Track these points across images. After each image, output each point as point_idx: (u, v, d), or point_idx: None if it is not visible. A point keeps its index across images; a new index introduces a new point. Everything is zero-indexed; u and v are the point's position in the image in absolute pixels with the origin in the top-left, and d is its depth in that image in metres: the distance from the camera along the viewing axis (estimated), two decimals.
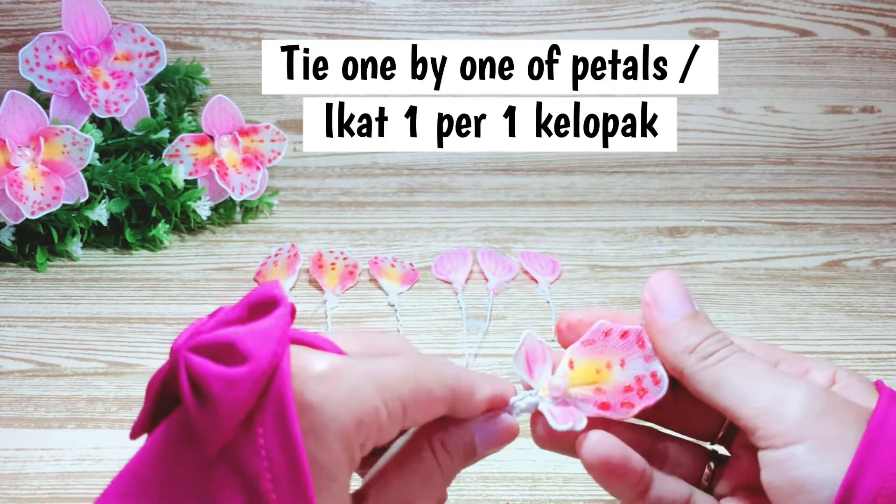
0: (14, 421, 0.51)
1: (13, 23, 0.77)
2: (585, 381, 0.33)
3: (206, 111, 0.69)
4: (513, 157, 0.82)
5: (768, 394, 0.30)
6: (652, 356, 0.33)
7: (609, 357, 0.33)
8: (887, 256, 0.69)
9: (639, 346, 0.33)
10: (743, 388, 0.31)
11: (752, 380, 0.31)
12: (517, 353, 0.33)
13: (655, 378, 0.33)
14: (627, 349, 0.33)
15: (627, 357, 0.33)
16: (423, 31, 0.81)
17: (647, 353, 0.33)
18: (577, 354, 0.33)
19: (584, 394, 0.33)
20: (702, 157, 0.83)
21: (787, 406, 0.30)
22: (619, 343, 0.33)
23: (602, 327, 0.33)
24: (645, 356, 0.33)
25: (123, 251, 0.68)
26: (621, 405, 0.32)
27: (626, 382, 0.33)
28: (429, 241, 0.71)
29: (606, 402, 0.33)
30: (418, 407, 0.29)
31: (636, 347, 0.33)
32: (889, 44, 0.84)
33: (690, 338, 0.32)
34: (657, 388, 0.33)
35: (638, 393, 0.33)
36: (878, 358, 0.57)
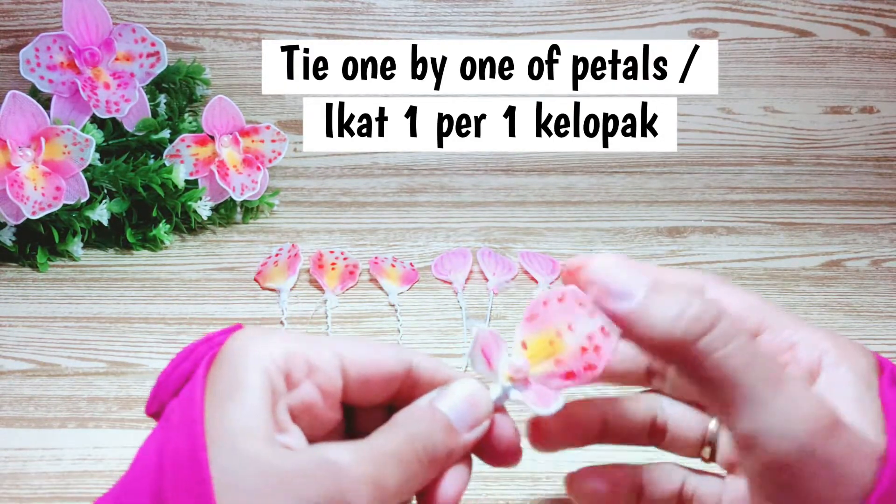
0: (15, 420, 0.51)
1: (14, 23, 0.77)
2: (543, 356, 0.32)
3: (207, 111, 0.69)
4: (513, 157, 0.82)
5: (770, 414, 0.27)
6: (595, 310, 0.31)
7: (556, 325, 0.32)
8: (886, 256, 0.70)
9: (579, 305, 0.32)
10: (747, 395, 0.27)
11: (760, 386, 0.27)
12: (472, 351, 0.32)
13: (604, 331, 0.31)
14: (569, 312, 0.32)
15: (572, 320, 0.32)
16: (423, 31, 0.81)
17: (589, 310, 0.31)
18: (527, 333, 0.32)
19: (546, 370, 0.32)
20: (701, 157, 0.83)
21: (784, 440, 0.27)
22: (560, 308, 0.32)
23: (539, 298, 0.32)
24: (589, 313, 0.31)
25: (124, 251, 0.69)
26: (584, 369, 0.31)
27: (580, 345, 0.31)
28: (429, 241, 0.71)
29: (570, 371, 0.32)
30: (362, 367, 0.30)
31: (576, 307, 0.32)
32: (888, 44, 0.84)
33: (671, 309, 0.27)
34: (609, 339, 0.31)
35: (594, 351, 0.31)
36: None
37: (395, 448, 0.28)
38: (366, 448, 0.28)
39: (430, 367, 0.32)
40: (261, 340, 0.29)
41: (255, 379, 0.28)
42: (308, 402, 0.29)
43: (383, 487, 0.27)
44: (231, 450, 0.26)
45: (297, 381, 0.29)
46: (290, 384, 0.29)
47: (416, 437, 0.29)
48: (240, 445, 0.26)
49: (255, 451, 0.26)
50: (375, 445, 0.28)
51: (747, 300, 0.32)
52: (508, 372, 0.32)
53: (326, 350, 0.30)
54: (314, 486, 0.26)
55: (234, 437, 0.27)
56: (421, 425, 0.29)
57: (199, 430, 0.27)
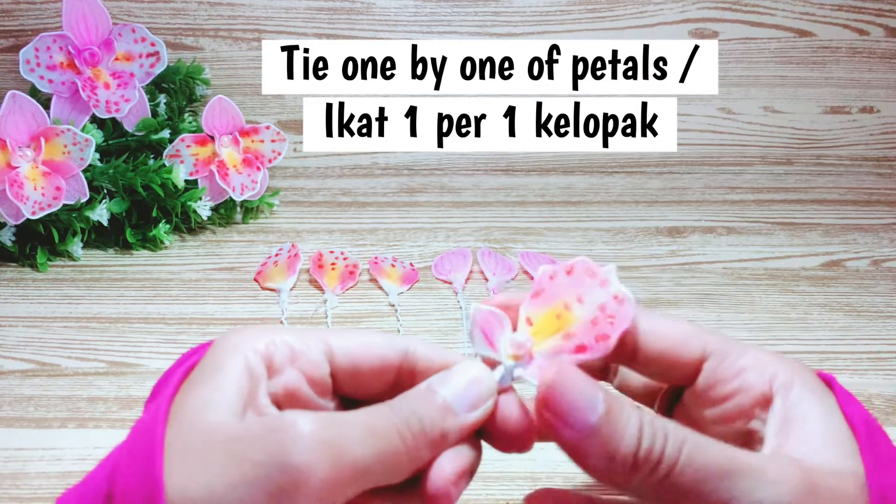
0: (15, 421, 0.51)
1: (14, 23, 0.77)
2: (550, 331, 0.30)
3: (207, 111, 0.69)
4: (513, 157, 0.82)
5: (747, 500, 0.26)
6: (607, 280, 0.30)
7: (564, 298, 0.30)
8: (886, 256, 0.70)
9: (589, 276, 0.30)
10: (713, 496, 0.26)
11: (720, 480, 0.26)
12: (472, 332, 0.30)
13: (618, 299, 0.30)
14: (579, 284, 0.30)
15: (582, 291, 0.30)
16: (423, 31, 0.81)
17: (601, 279, 0.30)
18: (532, 309, 0.31)
19: (554, 345, 0.30)
20: (701, 157, 0.83)
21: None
22: (568, 281, 0.30)
23: (545, 273, 0.31)
24: (600, 282, 0.30)
25: (124, 251, 0.69)
26: (597, 340, 0.30)
27: (591, 316, 0.30)
28: (429, 241, 0.71)
29: (581, 345, 0.30)
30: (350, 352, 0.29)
31: (587, 278, 0.30)
32: (888, 44, 0.84)
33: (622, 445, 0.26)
34: (623, 307, 0.30)
35: (608, 320, 0.30)
36: (878, 358, 0.57)
37: (367, 419, 0.27)
38: (332, 416, 0.27)
39: (428, 352, 0.31)
40: (246, 332, 0.29)
41: (229, 363, 0.28)
42: (291, 387, 0.29)
43: (343, 454, 0.26)
44: (188, 421, 0.26)
45: (279, 368, 0.29)
46: (271, 371, 0.29)
47: (400, 411, 0.27)
48: (197, 417, 0.26)
49: (212, 420, 0.26)
50: (346, 415, 0.27)
51: (685, 328, 0.31)
52: (510, 349, 0.30)
53: (313, 338, 0.30)
54: (259, 446, 0.25)
55: (194, 410, 0.27)
56: (410, 402, 0.28)
57: (164, 408, 0.27)
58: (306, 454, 0.25)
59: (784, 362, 0.31)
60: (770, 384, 0.30)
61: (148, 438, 0.26)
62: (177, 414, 0.27)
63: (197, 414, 0.26)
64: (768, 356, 0.31)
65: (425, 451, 0.28)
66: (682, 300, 0.63)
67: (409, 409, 0.28)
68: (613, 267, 0.31)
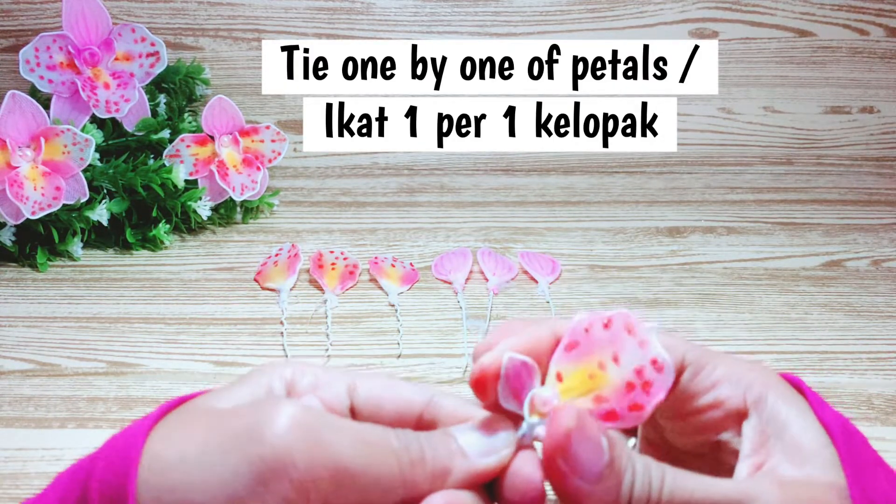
0: (15, 421, 0.51)
1: (13, 23, 0.77)
2: (580, 391, 0.28)
3: (207, 111, 0.69)
4: (513, 157, 0.82)
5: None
6: (646, 340, 0.28)
7: (599, 356, 0.28)
8: (886, 256, 0.69)
9: (628, 333, 0.28)
10: None
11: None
12: (501, 388, 0.27)
13: (657, 365, 0.28)
14: (616, 340, 0.28)
15: (619, 349, 0.28)
16: (423, 31, 0.81)
17: (640, 339, 0.28)
18: (564, 364, 0.28)
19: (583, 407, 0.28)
20: (701, 157, 0.83)
21: None
22: (605, 336, 0.28)
23: (581, 323, 0.28)
24: (639, 342, 0.28)
25: (124, 251, 0.69)
26: (629, 409, 0.28)
27: (626, 379, 0.28)
28: (429, 241, 0.71)
29: (612, 411, 0.28)
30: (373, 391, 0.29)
31: (625, 335, 0.28)
32: (888, 44, 0.84)
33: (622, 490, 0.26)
34: (662, 375, 0.28)
35: (643, 388, 0.28)
36: (878, 358, 0.57)
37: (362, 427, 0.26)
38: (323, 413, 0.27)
39: (454, 405, 0.29)
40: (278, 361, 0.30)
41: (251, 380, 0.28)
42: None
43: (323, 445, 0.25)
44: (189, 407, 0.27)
45: (300, 392, 0.29)
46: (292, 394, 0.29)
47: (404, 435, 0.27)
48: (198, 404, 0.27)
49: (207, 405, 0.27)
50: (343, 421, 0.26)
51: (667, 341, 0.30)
52: (536, 405, 0.28)
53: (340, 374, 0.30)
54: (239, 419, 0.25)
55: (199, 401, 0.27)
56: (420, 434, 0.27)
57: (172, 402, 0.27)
58: (282, 433, 0.25)
59: (757, 373, 0.30)
60: (744, 398, 0.30)
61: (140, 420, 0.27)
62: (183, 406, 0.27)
63: (200, 402, 0.27)
64: (741, 367, 0.30)
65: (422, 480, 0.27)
66: (683, 300, 0.63)
67: (414, 437, 0.27)
68: (656, 327, 0.29)
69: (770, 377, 0.30)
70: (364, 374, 0.30)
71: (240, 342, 0.58)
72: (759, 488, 0.27)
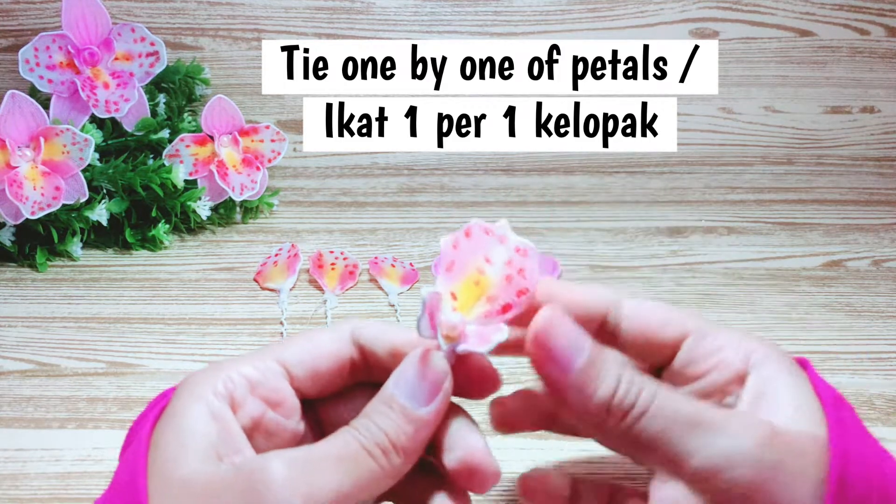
0: (14, 421, 0.51)
1: (13, 23, 0.77)
2: (474, 299, 0.31)
3: (206, 111, 0.69)
4: (513, 157, 0.82)
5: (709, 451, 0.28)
6: (504, 236, 0.31)
7: (474, 263, 0.31)
8: (887, 256, 0.69)
9: (487, 235, 0.31)
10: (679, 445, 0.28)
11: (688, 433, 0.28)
12: (420, 318, 0.30)
13: (521, 251, 0.31)
14: (481, 245, 0.31)
15: (487, 251, 0.31)
16: (423, 31, 0.81)
17: (499, 236, 0.31)
18: (451, 283, 0.31)
19: (482, 311, 0.31)
20: (702, 157, 0.83)
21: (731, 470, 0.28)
22: (471, 245, 0.31)
23: (447, 243, 0.32)
24: (499, 239, 0.31)
25: (123, 251, 0.68)
26: (518, 296, 0.31)
27: (503, 273, 0.31)
28: (429, 241, 0.71)
29: (506, 304, 0.31)
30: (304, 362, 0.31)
31: (486, 238, 0.31)
32: (889, 44, 0.84)
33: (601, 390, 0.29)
34: (528, 259, 0.31)
35: (520, 275, 0.31)
36: (879, 358, 0.57)
37: (336, 449, 0.28)
38: (303, 453, 0.28)
39: (372, 334, 0.32)
40: (202, 375, 0.30)
41: (193, 413, 0.29)
42: (256, 417, 0.30)
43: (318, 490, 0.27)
44: (163, 476, 0.27)
45: (241, 402, 0.30)
46: (235, 407, 0.30)
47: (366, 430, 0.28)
48: (172, 470, 0.27)
49: (186, 472, 0.27)
50: (317, 448, 0.28)
51: (666, 311, 0.33)
52: (445, 331, 0.30)
53: (266, 360, 0.31)
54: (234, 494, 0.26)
55: (167, 462, 0.27)
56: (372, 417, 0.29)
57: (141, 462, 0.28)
58: (279, 496, 0.26)
59: (759, 342, 0.32)
60: (746, 361, 0.31)
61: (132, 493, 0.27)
62: (154, 469, 0.28)
63: (170, 469, 0.27)
64: (745, 336, 0.32)
65: (400, 459, 0.29)
66: (683, 300, 0.63)
67: (375, 427, 0.28)
68: (505, 222, 0.32)
69: (772, 347, 0.32)
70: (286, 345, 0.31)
71: (239, 342, 0.58)
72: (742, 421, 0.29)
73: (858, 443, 0.29)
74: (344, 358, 0.32)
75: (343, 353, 0.32)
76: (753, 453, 0.28)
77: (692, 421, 0.28)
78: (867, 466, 0.29)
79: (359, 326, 0.32)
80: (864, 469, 0.28)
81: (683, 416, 0.28)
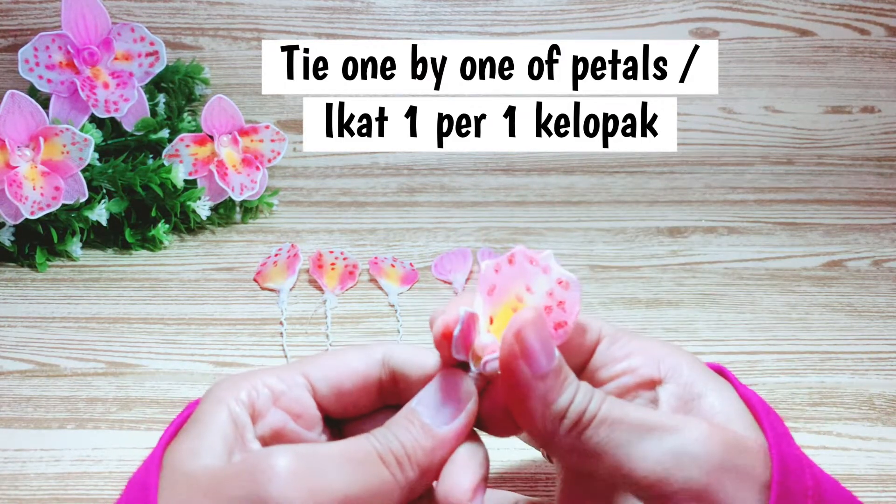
0: (13, 421, 0.51)
1: (13, 22, 0.77)
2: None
3: (206, 111, 0.68)
4: (513, 157, 0.82)
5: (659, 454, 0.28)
6: (548, 266, 0.31)
7: (515, 290, 0.31)
8: (888, 256, 0.69)
9: (531, 264, 0.31)
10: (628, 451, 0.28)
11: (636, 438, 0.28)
12: (455, 341, 0.30)
13: (563, 284, 0.31)
14: (524, 273, 0.31)
15: (529, 280, 0.31)
16: (423, 31, 0.81)
17: (542, 266, 0.31)
18: (490, 307, 0.31)
19: None
20: (702, 157, 0.83)
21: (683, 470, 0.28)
22: (514, 271, 0.31)
23: (489, 267, 0.31)
24: (542, 269, 0.31)
25: (123, 251, 0.68)
26: (555, 328, 0.31)
27: (543, 304, 0.31)
28: (429, 241, 0.71)
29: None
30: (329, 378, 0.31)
31: (530, 266, 0.31)
32: (889, 44, 0.84)
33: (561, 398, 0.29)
34: (570, 292, 0.31)
35: (559, 307, 0.31)
36: (879, 358, 0.57)
37: (346, 448, 0.28)
38: (310, 447, 0.28)
39: (404, 356, 0.32)
40: (229, 382, 0.30)
41: (214, 415, 0.29)
42: (277, 427, 0.30)
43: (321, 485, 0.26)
44: (175, 469, 0.27)
45: (262, 411, 0.30)
46: (256, 415, 0.30)
47: (382, 437, 0.28)
48: (183, 464, 0.27)
49: (196, 465, 0.27)
50: (325, 446, 0.28)
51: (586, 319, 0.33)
52: (476, 352, 0.30)
53: (292, 374, 0.31)
54: (237, 482, 0.26)
55: (181, 459, 0.28)
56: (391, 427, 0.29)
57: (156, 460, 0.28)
58: (283, 488, 0.26)
59: (670, 349, 0.33)
60: (657, 367, 0.32)
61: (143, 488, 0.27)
62: (167, 464, 0.28)
63: (183, 462, 0.28)
64: (655, 344, 0.33)
65: (414, 473, 0.28)
66: (683, 300, 0.63)
67: (391, 434, 0.28)
68: (550, 253, 0.32)
69: (682, 354, 0.33)
70: (314, 361, 0.32)
71: (239, 342, 0.58)
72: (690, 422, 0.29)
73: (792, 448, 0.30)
74: (372, 378, 0.31)
75: (371, 374, 0.31)
76: (703, 452, 0.28)
77: (641, 425, 0.28)
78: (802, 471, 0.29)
79: (391, 349, 0.32)
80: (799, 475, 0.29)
81: (632, 421, 0.28)
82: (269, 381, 0.31)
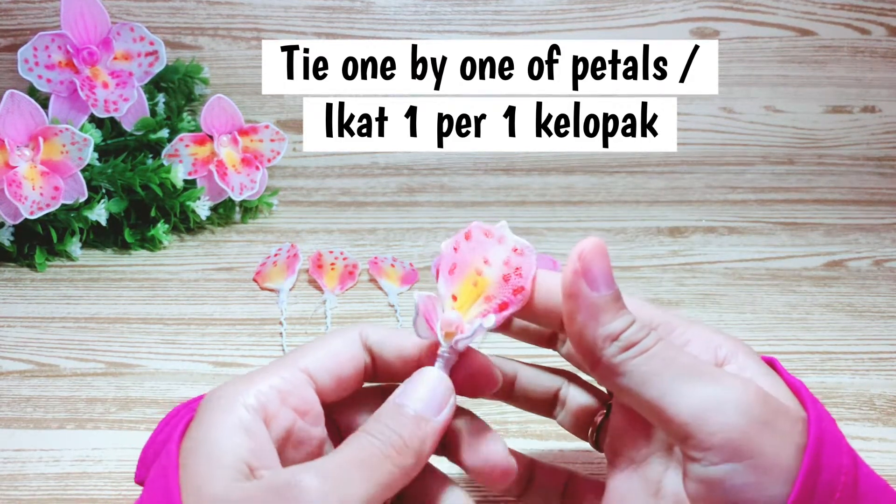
0: (13, 421, 0.50)
1: (12, 22, 0.77)
2: (472, 299, 0.33)
3: (206, 111, 0.68)
4: (513, 157, 0.82)
5: (701, 395, 0.28)
6: (503, 236, 0.33)
7: (474, 265, 0.33)
8: (888, 256, 0.69)
9: (487, 237, 0.33)
10: (672, 387, 0.29)
11: (683, 378, 0.29)
12: (416, 321, 0.31)
13: (518, 251, 0.32)
14: (481, 247, 0.33)
15: (486, 252, 0.33)
16: (423, 31, 0.81)
17: (497, 237, 0.33)
18: (451, 285, 0.33)
19: (480, 310, 0.32)
20: (702, 157, 0.83)
21: (723, 415, 0.28)
22: (470, 246, 0.33)
23: (448, 245, 0.33)
24: (497, 240, 0.33)
25: (122, 251, 0.68)
26: (514, 294, 0.32)
27: (501, 273, 0.32)
28: (429, 241, 0.71)
29: (503, 302, 0.32)
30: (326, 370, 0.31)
31: (485, 239, 0.33)
32: (890, 43, 0.84)
33: (614, 322, 0.30)
34: (525, 257, 0.32)
35: (516, 274, 0.32)
36: (879, 358, 0.57)
37: (360, 455, 0.29)
38: (331, 463, 0.28)
39: (379, 338, 0.33)
40: (232, 388, 0.30)
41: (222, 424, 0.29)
42: (288, 427, 0.30)
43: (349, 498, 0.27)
44: (197, 493, 0.27)
45: (274, 414, 0.30)
46: (269, 419, 0.30)
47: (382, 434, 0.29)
48: (205, 490, 0.27)
49: (219, 489, 0.27)
50: (340, 457, 0.29)
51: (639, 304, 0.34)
52: (444, 329, 0.32)
53: (292, 370, 0.31)
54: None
55: (199, 479, 0.27)
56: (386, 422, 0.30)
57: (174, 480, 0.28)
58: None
59: (725, 336, 0.33)
60: (715, 354, 0.32)
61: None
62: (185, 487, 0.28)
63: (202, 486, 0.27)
64: (711, 331, 0.33)
65: (412, 461, 0.30)
66: (684, 300, 0.63)
67: (389, 430, 0.29)
68: (504, 223, 0.33)
69: (737, 342, 0.33)
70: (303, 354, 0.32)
71: (239, 342, 0.58)
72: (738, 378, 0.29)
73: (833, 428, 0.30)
74: (360, 362, 0.33)
75: (359, 358, 0.33)
76: (745, 403, 0.28)
77: (689, 369, 0.29)
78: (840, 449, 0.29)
79: (366, 329, 0.33)
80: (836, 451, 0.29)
81: (681, 363, 0.29)
82: (274, 382, 0.31)
